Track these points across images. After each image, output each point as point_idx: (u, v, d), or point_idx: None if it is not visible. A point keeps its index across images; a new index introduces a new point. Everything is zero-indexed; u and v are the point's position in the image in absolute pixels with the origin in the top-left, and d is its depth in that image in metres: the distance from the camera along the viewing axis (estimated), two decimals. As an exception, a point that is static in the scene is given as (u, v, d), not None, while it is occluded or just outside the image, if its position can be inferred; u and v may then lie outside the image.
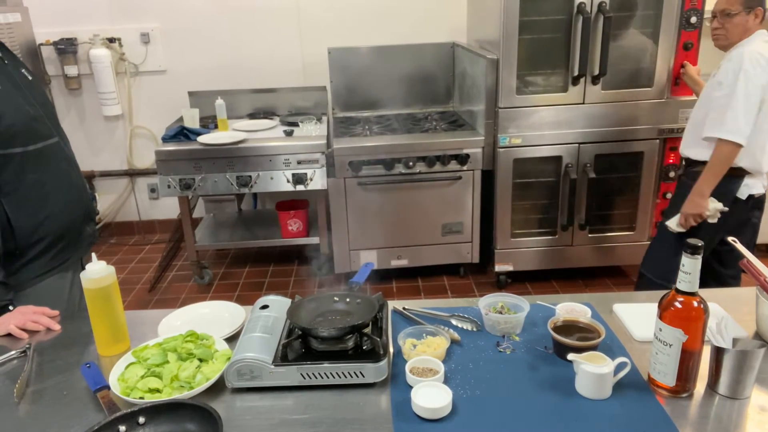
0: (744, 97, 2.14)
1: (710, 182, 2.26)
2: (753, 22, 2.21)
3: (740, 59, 2.16)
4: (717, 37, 2.30)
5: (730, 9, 2.21)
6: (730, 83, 2.16)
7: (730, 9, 2.21)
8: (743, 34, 2.23)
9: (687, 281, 1.13)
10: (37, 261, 1.69)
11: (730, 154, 2.20)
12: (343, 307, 1.40)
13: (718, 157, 2.22)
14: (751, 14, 2.20)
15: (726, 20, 2.22)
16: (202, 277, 3.57)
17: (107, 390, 1.22)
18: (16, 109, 1.61)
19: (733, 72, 2.17)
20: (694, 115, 2.40)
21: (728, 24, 2.23)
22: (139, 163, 4.11)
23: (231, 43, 3.83)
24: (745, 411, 1.15)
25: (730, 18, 2.21)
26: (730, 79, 2.17)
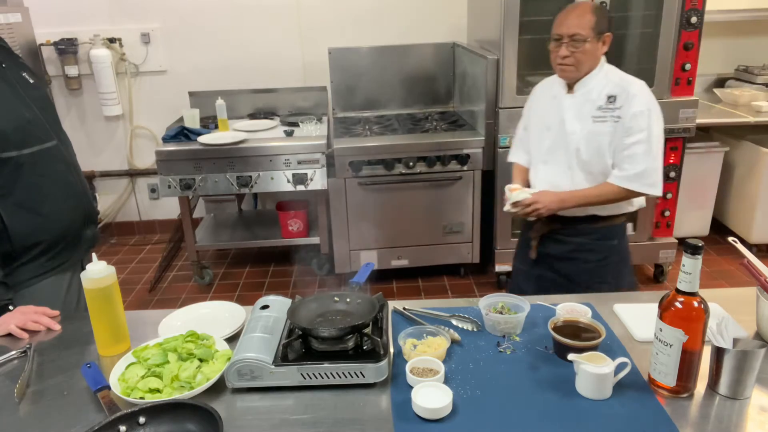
0: (660, 146, 1.90)
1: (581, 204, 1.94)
2: (602, 50, 1.90)
3: (644, 99, 1.87)
4: (565, 69, 1.90)
5: (582, 34, 1.84)
6: (642, 128, 1.85)
7: (582, 34, 1.84)
8: (593, 64, 1.91)
9: (687, 281, 1.13)
10: (33, 263, 1.69)
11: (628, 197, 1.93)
12: (344, 307, 1.40)
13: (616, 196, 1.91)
14: (600, 41, 1.87)
15: (577, 47, 1.85)
16: (203, 278, 3.57)
17: (108, 390, 1.22)
18: (10, 113, 1.61)
19: (642, 116, 1.85)
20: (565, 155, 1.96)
21: (579, 52, 1.86)
22: (140, 163, 4.12)
23: (231, 43, 3.83)
24: (746, 411, 1.15)
25: (582, 44, 1.84)
26: (641, 123, 1.85)
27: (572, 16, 1.86)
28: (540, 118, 2.06)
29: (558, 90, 2.00)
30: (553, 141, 1.99)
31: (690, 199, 3.50)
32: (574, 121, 1.94)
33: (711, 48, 3.76)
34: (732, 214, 3.73)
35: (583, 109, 1.93)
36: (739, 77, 4.00)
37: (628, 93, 1.88)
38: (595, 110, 1.90)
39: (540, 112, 2.07)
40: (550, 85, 2.06)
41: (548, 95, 2.04)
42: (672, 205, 3.27)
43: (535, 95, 2.14)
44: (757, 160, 3.46)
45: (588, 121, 1.92)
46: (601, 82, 1.92)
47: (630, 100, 1.86)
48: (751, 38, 4.00)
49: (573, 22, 1.85)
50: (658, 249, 3.32)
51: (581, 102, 1.93)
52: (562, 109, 1.97)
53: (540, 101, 2.09)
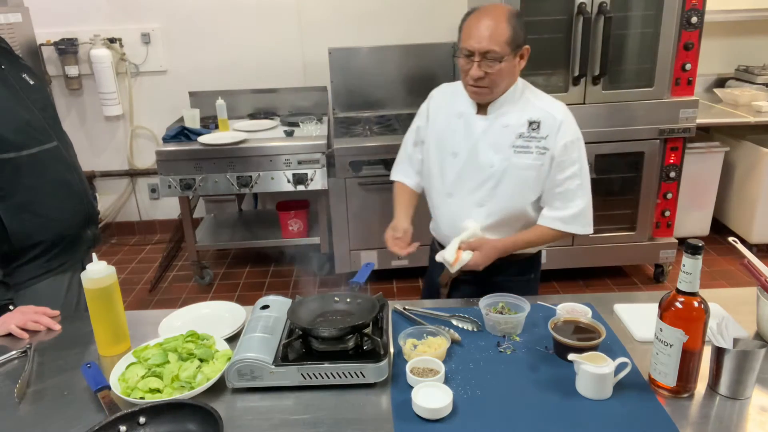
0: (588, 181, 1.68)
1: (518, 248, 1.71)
2: (519, 66, 1.62)
3: (572, 127, 1.63)
4: (479, 92, 1.60)
5: (497, 51, 1.52)
6: (573, 161, 1.62)
7: (497, 51, 1.52)
8: (511, 83, 1.62)
9: (687, 281, 1.13)
10: (33, 263, 1.69)
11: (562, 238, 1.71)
12: (344, 307, 1.40)
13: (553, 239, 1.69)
14: (517, 56, 1.59)
15: (492, 67, 1.54)
16: (203, 278, 3.57)
17: (108, 390, 1.22)
18: (9, 114, 1.61)
19: (573, 147, 1.61)
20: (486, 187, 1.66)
21: (494, 73, 1.55)
22: (140, 163, 4.12)
23: (232, 43, 3.83)
24: (746, 411, 1.15)
25: (497, 64, 1.54)
26: (572, 156, 1.61)
27: (484, 28, 1.53)
28: (442, 140, 1.72)
29: (465, 107, 1.68)
30: (461, 171, 1.67)
31: (690, 199, 3.50)
32: (490, 151, 1.64)
33: (711, 48, 3.76)
34: (732, 214, 3.73)
35: (501, 137, 1.63)
36: (740, 77, 4.00)
37: (555, 119, 1.60)
38: (515, 138, 1.61)
39: (441, 131, 1.72)
40: (453, 97, 1.72)
41: (452, 111, 1.71)
42: (672, 205, 3.27)
43: (433, 106, 1.78)
44: (758, 160, 3.46)
45: (508, 152, 1.62)
46: (518, 104, 1.64)
47: (558, 129, 1.60)
48: (752, 38, 4.00)
49: (485, 34, 1.52)
50: (658, 249, 3.32)
51: (497, 128, 1.63)
52: (473, 135, 1.65)
53: (440, 116, 1.74)
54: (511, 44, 1.54)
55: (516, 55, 1.58)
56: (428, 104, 1.80)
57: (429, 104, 1.80)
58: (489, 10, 1.56)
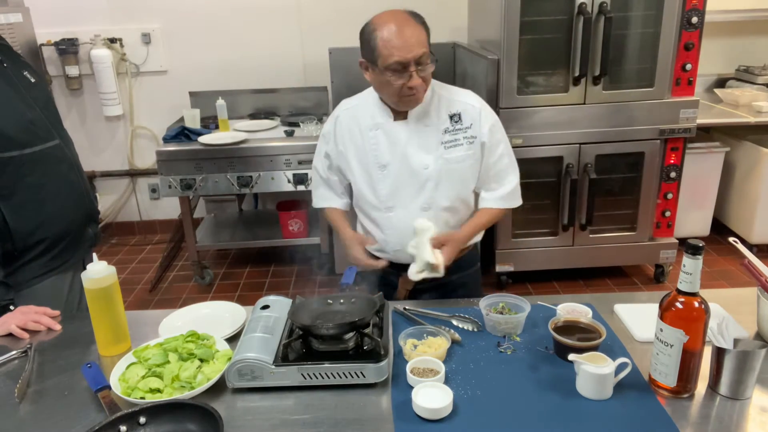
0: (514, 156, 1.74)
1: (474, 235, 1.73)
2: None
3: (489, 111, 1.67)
4: (416, 99, 1.56)
5: (427, 53, 1.51)
6: (500, 141, 1.67)
7: (427, 53, 1.51)
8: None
9: (688, 282, 1.13)
10: (36, 262, 1.69)
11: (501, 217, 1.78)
12: (344, 307, 1.40)
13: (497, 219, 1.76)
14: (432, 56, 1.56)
15: (426, 71, 1.52)
16: (203, 278, 3.57)
17: (108, 390, 1.22)
18: (12, 113, 1.61)
19: (496, 129, 1.66)
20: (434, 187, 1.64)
21: (428, 74, 1.54)
22: (140, 163, 4.12)
23: (232, 43, 3.83)
24: (746, 411, 1.15)
25: (429, 66, 1.52)
26: (498, 136, 1.66)
27: (408, 36, 1.48)
28: (363, 156, 1.67)
29: (380, 118, 1.64)
30: (395, 181, 1.64)
31: (691, 199, 3.50)
32: (420, 153, 1.62)
33: (712, 48, 3.76)
34: (733, 215, 3.73)
35: (427, 137, 1.62)
36: (740, 77, 4.00)
37: (474, 108, 1.64)
38: (442, 135, 1.62)
39: (359, 149, 1.67)
40: (359, 111, 1.68)
41: (364, 125, 1.66)
42: (673, 206, 3.27)
43: (340, 128, 1.71)
44: (758, 160, 3.46)
45: (439, 150, 1.62)
46: (432, 102, 1.63)
47: (480, 116, 1.63)
48: (752, 38, 4.00)
49: (412, 41, 1.47)
50: (658, 249, 3.32)
51: (421, 129, 1.62)
52: (399, 142, 1.62)
53: (351, 134, 1.68)
54: (429, 42, 1.53)
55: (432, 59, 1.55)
56: (334, 126, 1.72)
57: (335, 126, 1.72)
58: (398, 18, 1.51)
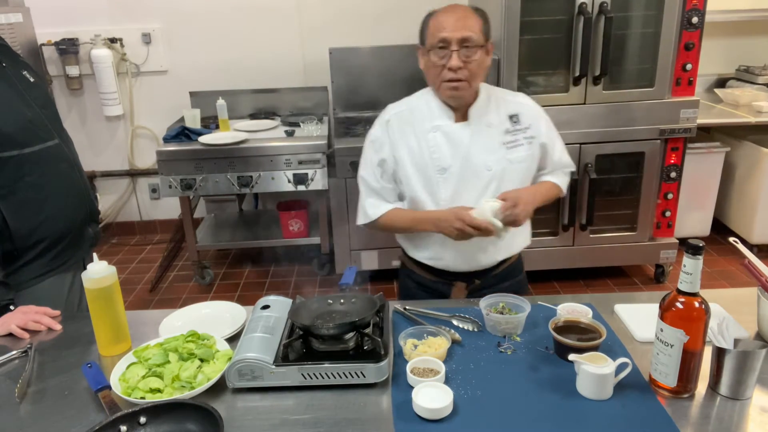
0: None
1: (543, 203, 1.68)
2: (488, 62, 1.59)
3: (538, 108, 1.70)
4: (458, 86, 1.53)
5: (474, 38, 1.49)
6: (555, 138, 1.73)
7: (474, 38, 1.49)
8: (481, 80, 1.59)
9: (688, 282, 1.13)
10: (36, 262, 1.69)
11: None
12: (344, 307, 1.40)
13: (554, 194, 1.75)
14: (486, 50, 1.56)
15: (470, 56, 1.50)
16: (203, 278, 3.57)
17: (108, 390, 1.22)
18: (11, 112, 1.61)
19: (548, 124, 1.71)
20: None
21: (473, 62, 1.51)
22: (141, 163, 4.12)
23: (232, 43, 3.83)
24: (747, 412, 1.15)
25: (475, 52, 1.51)
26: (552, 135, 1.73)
27: (456, 18, 1.49)
28: (420, 161, 1.62)
29: (439, 120, 1.62)
30: (456, 183, 1.61)
31: (691, 199, 3.50)
32: (483, 154, 1.60)
33: (712, 48, 3.76)
34: (733, 215, 3.73)
35: (490, 138, 1.61)
36: (740, 77, 3.99)
37: (530, 108, 1.68)
38: (503, 135, 1.62)
39: (416, 153, 1.63)
40: (414, 114, 1.66)
41: (421, 128, 1.63)
42: (673, 206, 3.27)
43: (394, 133, 1.66)
44: (758, 160, 3.46)
45: (502, 150, 1.61)
46: (490, 102, 1.63)
47: (537, 117, 1.67)
48: (752, 38, 4.00)
49: (459, 24, 1.48)
50: (658, 249, 3.32)
51: (483, 130, 1.61)
52: (461, 144, 1.60)
53: (406, 139, 1.64)
54: (484, 33, 1.53)
55: (486, 49, 1.56)
56: (386, 131, 1.67)
57: (387, 131, 1.67)
58: (455, 6, 1.55)
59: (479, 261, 1.71)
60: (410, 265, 1.82)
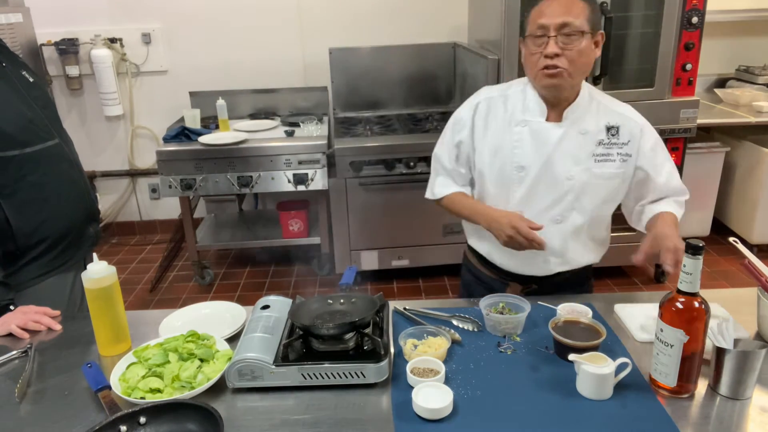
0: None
1: None
2: (595, 54, 1.46)
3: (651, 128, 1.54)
4: (556, 74, 1.41)
5: (576, 24, 1.38)
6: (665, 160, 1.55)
7: (576, 24, 1.38)
8: (585, 75, 1.47)
9: (688, 282, 1.13)
10: (37, 261, 1.69)
11: None
12: (344, 307, 1.40)
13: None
14: (593, 41, 1.44)
15: (570, 43, 1.39)
16: (203, 278, 3.57)
17: (108, 390, 1.22)
18: (12, 112, 1.61)
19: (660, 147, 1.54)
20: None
21: (574, 50, 1.39)
22: (141, 163, 4.12)
23: (232, 43, 3.83)
24: (747, 412, 1.15)
25: (578, 39, 1.39)
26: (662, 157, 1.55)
27: (558, 4, 1.39)
28: (500, 153, 1.54)
29: (531, 113, 1.51)
30: (531, 187, 1.52)
31: (691, 199, 3.44)
32: (568, 162, 1.49)
33: (712, 48, 3.76)
34: (733, 215, 3.73)
35: (580, 146, 1.49)
36: (740, 77, 4.00)
37: (636, 123, 1.51)
38: (595, 146, 1.49)
39: (497, 144, 1.54)
40: (507, 102, 1.55)
41: (509, 119, 1.54)
42: (673, 206, 3.26)
43: (480, 116, 1.58)
44: (758, 160, 3.46)
45: (589, 162, 1.49)
46: (591, 107, 1.51)
47: (641, 133, 1.50)
48: (752, 38, 4.00)
49: (559, 10, 1.38)
50: (658, 249, 3.31)
51: (575, 135, 1.49)
52: (546, 145, 1.50)
53: (492, 126, 1.56)
54: (590, 21, 1.39)
55: (593, 39, 1.42)
56: (473, 114, 1.58)
57: (474, 115, 1.58)
58: None
59: (535, 268, 1.62)
60: (470, 257, 1.77)
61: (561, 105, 1.50)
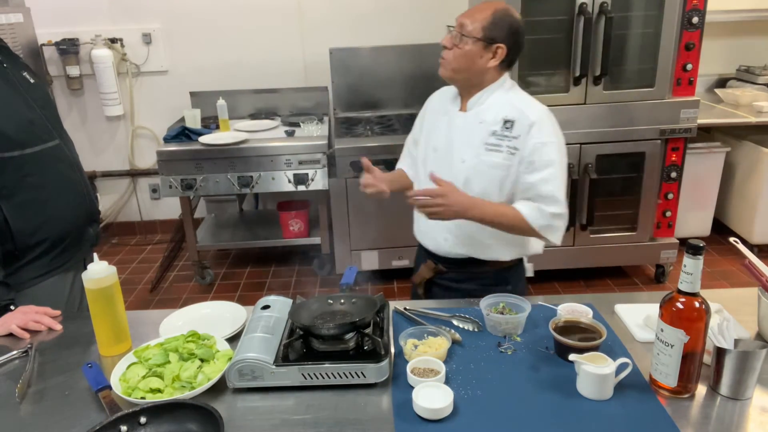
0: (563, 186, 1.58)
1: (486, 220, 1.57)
2: (488, 61, 1.56)
3: (547, 128, 1.57)
4: (441, 62, 1.61)
5: (468, 29, 1.55)
6: (548, 163, 1.55)
7: (468, 29, 1.55)
8: (474, 75, 1.59)
9: (689, 282, 1.13)
10: (37, 262, 1.69)
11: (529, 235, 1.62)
12: (344, 307, 1.40)
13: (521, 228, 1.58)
14: (489, 50, 1.55)
15: (458, 42, 1.56)
16: (204, 278, 3.57)
17: (109, 390, 1.22)
18: (12, 113, 1.61)
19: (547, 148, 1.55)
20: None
21: (458, 48, 1.56)
22: (141, 163, 4.12)
23: (232, 43, 3.84)
24: (747, 412, 1.15)
25: (463, 41, 1.55)
26: (543, 159, 1.55)
27: (472, 9, 1.59)
28: (428, 135, 1.75)
29: (450, 106, 1.70)
30: (437, 165, 1.66)
31: (691, 199, 3.50)
32: (464, 146, 1.63)
33: (712, 48, 3.76)
34: (733, 215, 3.73)
35: (475, 133, 1.61)
36: (741, 77, 3.99)
37: (528, 119, 1.56)
38: (488, 136, 1.59)
39: (429, 129, 1.75)
40: (443, 98, 1.76)
41: (440, 109, 1.74)
42: (673, 206, 3.27)
43: (429, 107, 1.81)
44: (759, 160, 3.46)
45: (480, 149, 1.60)
46: (499, 101, 1.61)
47: (529, 130, 1.55)
48: (753, 38, 4.00)
49: (468, 13, 1.57)
50: (659, 249, 3.32)
51: (473, 124, 1.62)
52: (451, 130, 1.66)
53: (431, 114, 1.77)
54: (485, 31, 1.54)
55: (487, 48, 1.55)
56: (426, 105, 1.83)
57: (426, 105, 1.83)
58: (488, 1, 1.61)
59: (435, 244, 1.75)
60: None
61: (468, 96, 1.65)
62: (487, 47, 1.55)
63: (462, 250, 1.70)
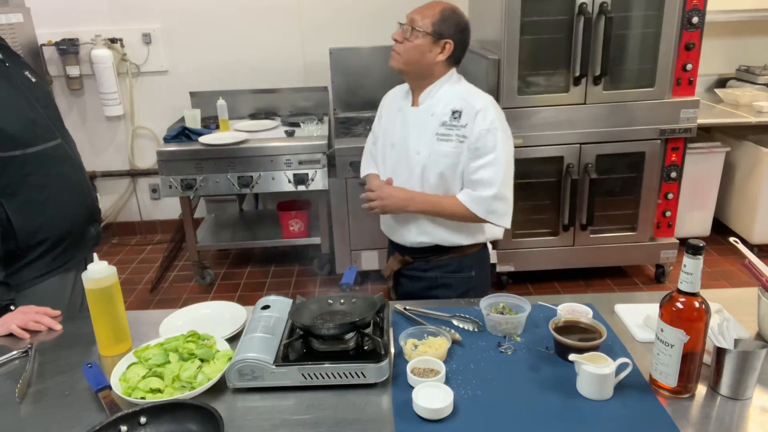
0: (510, 171, 1.71)
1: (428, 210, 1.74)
2: (437, 55, 1.66)
3: (490, 117, 1.65)
4: (392, 55, 1.72)
5: (419, 24, 1.65)
6: (489, 149, 1.65)
7: (419, 24, 1.65)
8: (423, 67, 1.68)
9: (688, 282, 1.13)
10: (39, 261, 1.69)
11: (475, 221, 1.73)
12: (344, 307, 1.40)
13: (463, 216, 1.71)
14: (437, 45, 1.65)
15: (408, 36, 1.66)
16: (204, 278, 3.57)
17: (109, 390, 1.22)
18: (15, 112, 1.62)
19: (490, 135, 1.64)
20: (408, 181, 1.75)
21: (408, 42, 1.65)
22: (141, 163, 4.12)
23: (232, 43, 3.84)
24: (747, 412, 1.15)
25: (413, 35, 1.65)
26: (488, 144, 1.64)
27: (422, 6, 1.69)
28: (385, 133, 1.84)
29: (403, 102, 1.80)
30: (396, 160, 1.77)
31: (691, 199, 3.50)
32: (418, 139, 1.72)
33: (712, 48, 3.76)
34: (733, 215, 3.73)
35: (426, 125, 1.71)
36: (741, 77, 3.99)
37: (473, 108, 1.66)
38: (439, 127, 1.69)
39: (386, 126, 1.85)
40: (396, 96, 1.86)
41: (395, 106, 1.83)
42: (673, 206, 3.27)
43: (383, 105, 1.92)
44: (759, 160, 3.46)
45: (432, 140, 1.69)
46: (447, 94, 1.71)
47: (475, 117, 1.65)
48: (753, 38, 4.00)
49: (419, 9, 1.68)
50: (659, 249, 3.32)
51: (425, 117, 1.72)
52: (406, 124, 1.76)
53: (386, 113, 1.87)
54: (434, 27, 1.64)
55: (436, 42, 1.65)
56: (381, 105, 1.93)
57: (381, 105, 1.93)
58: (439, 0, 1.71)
59: (400, 236, 1.85)
60: None
61: (419, 90, 1.75)
62: (436, 42, 1.65)
63: (425, 238, 1.80)
